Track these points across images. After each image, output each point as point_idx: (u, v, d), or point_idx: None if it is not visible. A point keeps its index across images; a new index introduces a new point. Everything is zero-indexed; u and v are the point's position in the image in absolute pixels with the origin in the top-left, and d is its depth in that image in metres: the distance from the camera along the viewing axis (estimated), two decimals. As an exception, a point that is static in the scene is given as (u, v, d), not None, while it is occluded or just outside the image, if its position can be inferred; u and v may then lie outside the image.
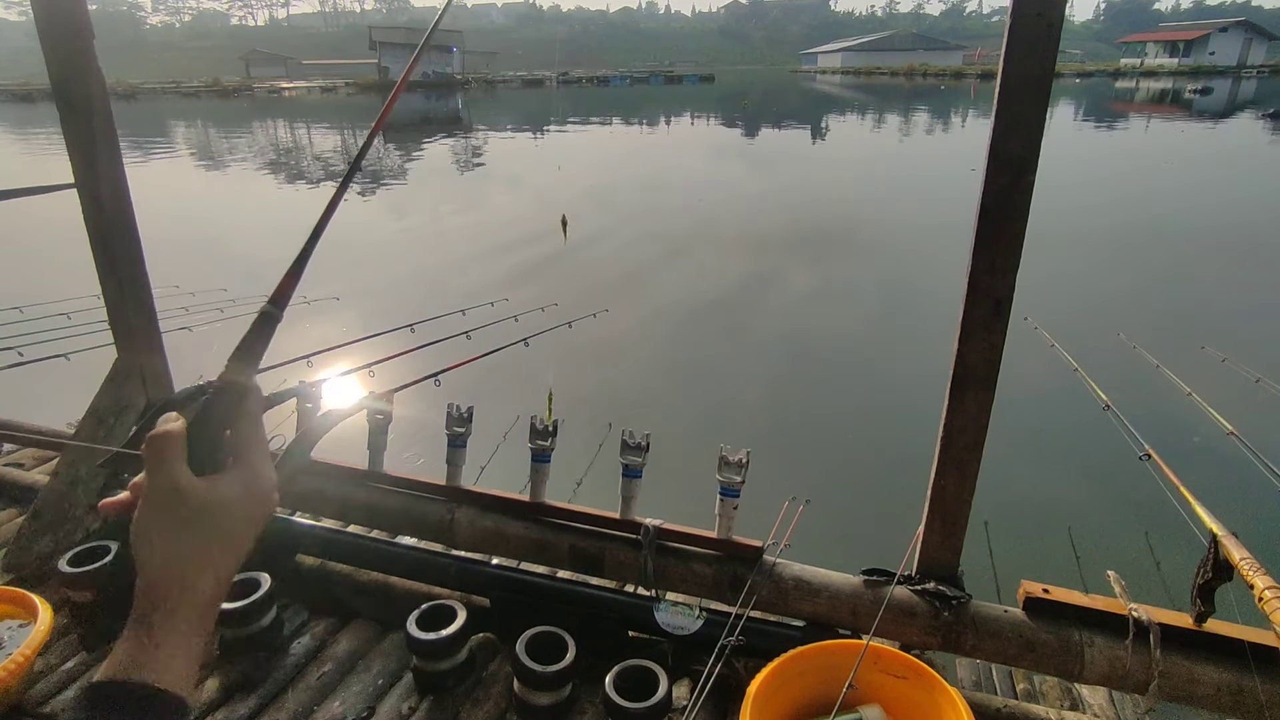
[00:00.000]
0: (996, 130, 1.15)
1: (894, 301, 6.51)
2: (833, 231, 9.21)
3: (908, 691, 1.30)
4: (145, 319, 1.93)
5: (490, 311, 2.71)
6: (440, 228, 10.02)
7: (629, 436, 1.53)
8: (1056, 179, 10.81)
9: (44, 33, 1.68)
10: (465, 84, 56.28)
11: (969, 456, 1.33)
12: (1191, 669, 1.29)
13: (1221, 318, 5.80)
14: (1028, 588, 1.41)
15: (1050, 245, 7.34)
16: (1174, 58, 59.66)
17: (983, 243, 1.21)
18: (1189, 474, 1.42)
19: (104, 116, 1.76)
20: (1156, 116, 25.28)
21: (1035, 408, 4.10)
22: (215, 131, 25.55)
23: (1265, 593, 1.15)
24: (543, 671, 1.38)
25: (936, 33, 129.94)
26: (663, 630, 1.54)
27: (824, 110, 31.90)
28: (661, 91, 52.44)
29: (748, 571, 1.49)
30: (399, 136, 23.01)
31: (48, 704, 1.44)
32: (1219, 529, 1.27)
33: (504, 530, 1.64)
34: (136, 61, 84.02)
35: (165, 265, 2.40)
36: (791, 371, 5.03)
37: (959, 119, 27.19)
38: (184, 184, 13.50)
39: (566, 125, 26.50)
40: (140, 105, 38.63)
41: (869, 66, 76.32)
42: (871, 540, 2.90)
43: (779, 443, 3.98)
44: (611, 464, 1.57)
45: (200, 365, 1.42)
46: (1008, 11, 1.11)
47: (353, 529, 1.97)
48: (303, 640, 1.63)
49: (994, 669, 1.69)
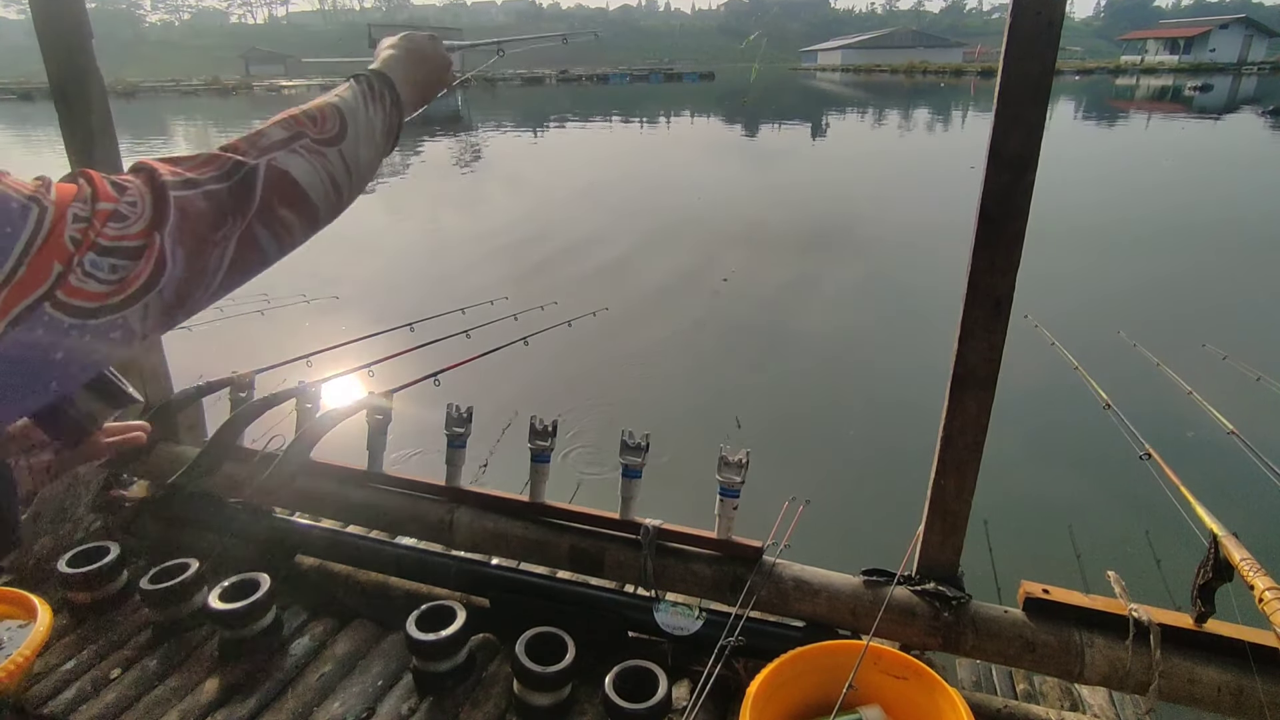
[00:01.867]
0: (996, 129, 1.15)
1: (894, 300, 6.50)
2: (832, 230, 9.20)
3: (908, 692, 1.30)
4: (144, 319, 1.92)
5: (490, 310, 2.70)
6: (440, 226, 10.02)
7: (629, 436, 1.53)
8: (1057, 176, 10.81)
9: (43, 31, 1.68)
10: (465, 82, 56.03)
11: (969, 456, 1.33)
12: (1192, 669, 1.28)
13: (1222, 316, 5.79)
14: (1028, 588, 1.41)
15: (1051, 243, 7.34)
16: (1174, 55, 59.55)
17: (983, 242, 1.21)
18: (1189, 473, 1.41)
19: (103, 115, 1.76)
20: (1157, 114, 25.24)
21: (1035, 407, 4.10)
22: (214, 130, 25.53)
23: (1265, 593, 1.14)
24: (543, 672, 1.38)
25: (936, 30, 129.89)
26: (663, 630, 1.54)
27: (824, 108, 31.86)
28: (661, 89, 52.36)
29: (748, 572, 1.49)
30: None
31: (47, 704, 1.44)
32: (1219, 529, 1.27)
33: (504, 530, 1.64)
34: (135, 60, 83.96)
35: (164, 265, 2.39)
36: (791, 371, 5.02)
37: (959, 116, 27.16)
38: (183, 182, 13.46)
39: (566, 123, 26.48)
40: (139, 103, 38.60)
41: (869, 64, 76.19)
42: (871, 540, 2.90)
43: (779, 443, 3.98)
44: (611, 464, 1.56)
45: (200, 365, 1.42)
46: (1008, 9, 1.10)
47: (353, 529, 1.97)
48: (302, 640, 1.63)
49: (994, 669, 1.68)
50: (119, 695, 1.46)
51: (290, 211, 0.65)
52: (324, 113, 0.70)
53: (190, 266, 0.57)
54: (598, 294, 5.57)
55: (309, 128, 0.68)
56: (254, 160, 0.62)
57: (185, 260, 0.57)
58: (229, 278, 0.62)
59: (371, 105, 0.76)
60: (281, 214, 0.64)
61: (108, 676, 1.51)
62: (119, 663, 1.54)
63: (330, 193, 0.69)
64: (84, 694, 1.47)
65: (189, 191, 0.58)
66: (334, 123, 0.70)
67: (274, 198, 0.63)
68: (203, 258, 0.58)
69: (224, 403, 1.80)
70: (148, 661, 1.55)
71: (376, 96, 0.77)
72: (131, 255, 0.54)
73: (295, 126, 0.67)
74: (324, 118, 0.70)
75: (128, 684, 1.49)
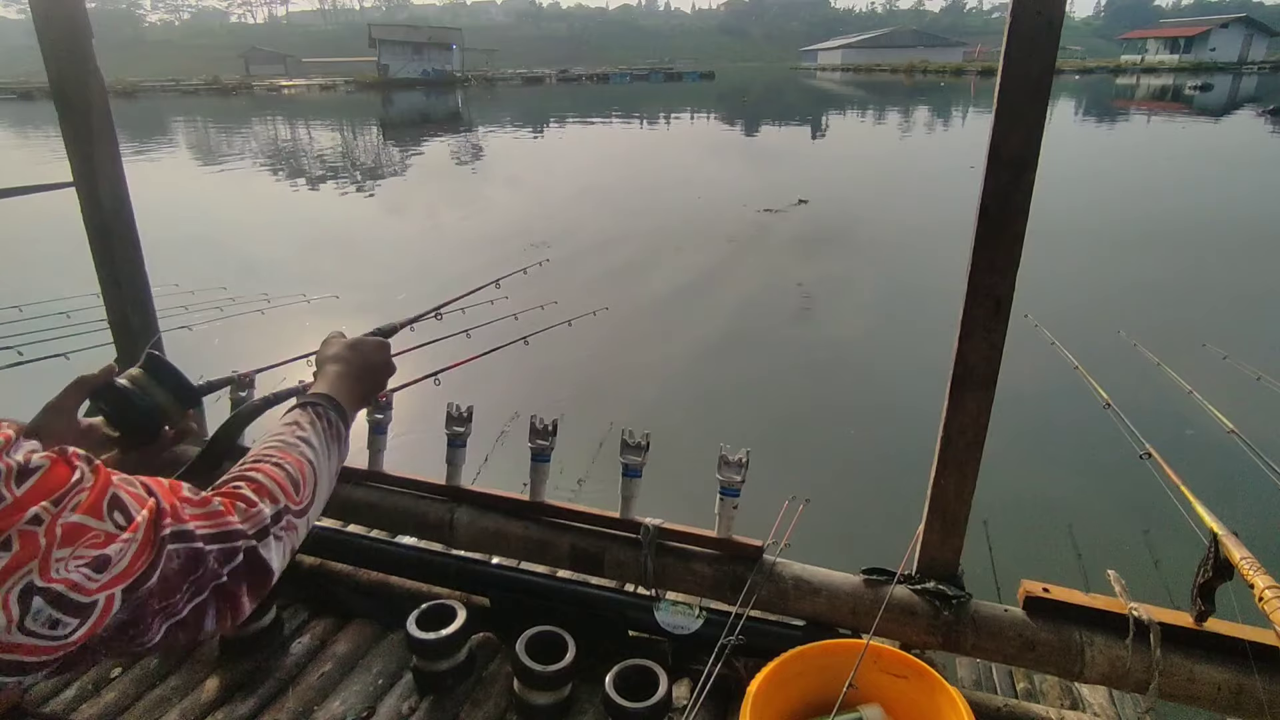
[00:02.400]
0: (996, 129, 1.14)
1: (894, 300, 6.50)
2: (832, 229, 9.20)
3: (908, 691, 1.30)
4: (145, 318, 1.93)
5: (490, 310, 2.70)
6: (440, 225, 10.01)
7: (629, 436, 1.53)
8: (1057, 176, 10.80)
9: (42, 31, 1.68)
10: (465, 81, 56.20)
11: (969, 456, 1.33)
12: (1191, 668, 1.28)
13: (1222, 315, 5.79)
14: (1028, 587, 1.41)
15: (1051, 242, 7.34)
16: (1175, 54, 59.53)
17: (983, 241, 1.20)
18: (1189, 473, 1.41)
19: (103, 115, 1.75)
20: (1157, 113, 25.24)
21: (1035, 406, 4.10)
22: (214, 129, 25.53)
23: (1265, 592, 1.14)
24: (543, 671, 1.38)
25: (937, 29, 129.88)
26: (663, 630, 1.54)
27: (824, 107, 31.84)
28: (662, 89, 52.34)
29: (748, 571, 1.49)
30: (399, 134, 22.98)
31: (48, 703, 1.44)
32: (1219, 528, 1.27)
33: (504, 530, 1.64)
34: (135, 59, 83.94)
35: (164, 264, 2.39)
36: (791, 370, 5.02)
37: (959, 116, 27.14)
38: (183, 182, 13.49)
39: (566, 122, 26.46)
40: (139, 103, 38.59)
41: (869, 64, 76.17)
42: (871, 540, 2.90)
43: (779, 442, 3.98)
44: (611, 464, 1.56)
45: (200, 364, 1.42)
46: (1008, 9, 1.10)
47: (353, 529, 1.97)
48: (303, 640, 1.63)
49: (994, 668, 1.69)
50: (119, 694, 1.46)
51: (251, 597, 0.67)
52: (304, 475, 0.74)
53: (123, 632, 0.55)
54: (598, 294, 5.57)
55: (292, 498, 0.72)
56: (243, 543, 0.64)
57: (124, 622, 0.54)
58: (164, 640, 0.59)
59: (333, 447, 0.85)
60: (242, 599, 0.65)
61: (108, 675, 1.51)
62: (119, 662, 1.54)
63: (285, 563, 0.73)
64: (84, 693, 1.47)
65: (178, 545, 0.57)
66: (309, 489, 0.75)
67: (244, 584, 0.65)
68: (144, 620, 0.56)
69: (224, 402, 1.80)
70: (148, 660, 1.55)
71: (335, 436, 0.86)
72: (80, 612, 0.51)
73: (283, 497, 0.71)
74: (303, 482, 0.74)
75: (128, 683, 1.49)
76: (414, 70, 56.17)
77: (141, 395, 0.83)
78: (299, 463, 0.76)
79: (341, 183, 13.08)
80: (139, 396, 0.83)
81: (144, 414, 0.83)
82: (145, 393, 0.84)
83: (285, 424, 0.82)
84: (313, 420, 0.83)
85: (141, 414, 0.83)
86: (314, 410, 0.85)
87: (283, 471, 0.73)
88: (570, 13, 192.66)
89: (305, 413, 0.84)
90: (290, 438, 0.78)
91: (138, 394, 0.83)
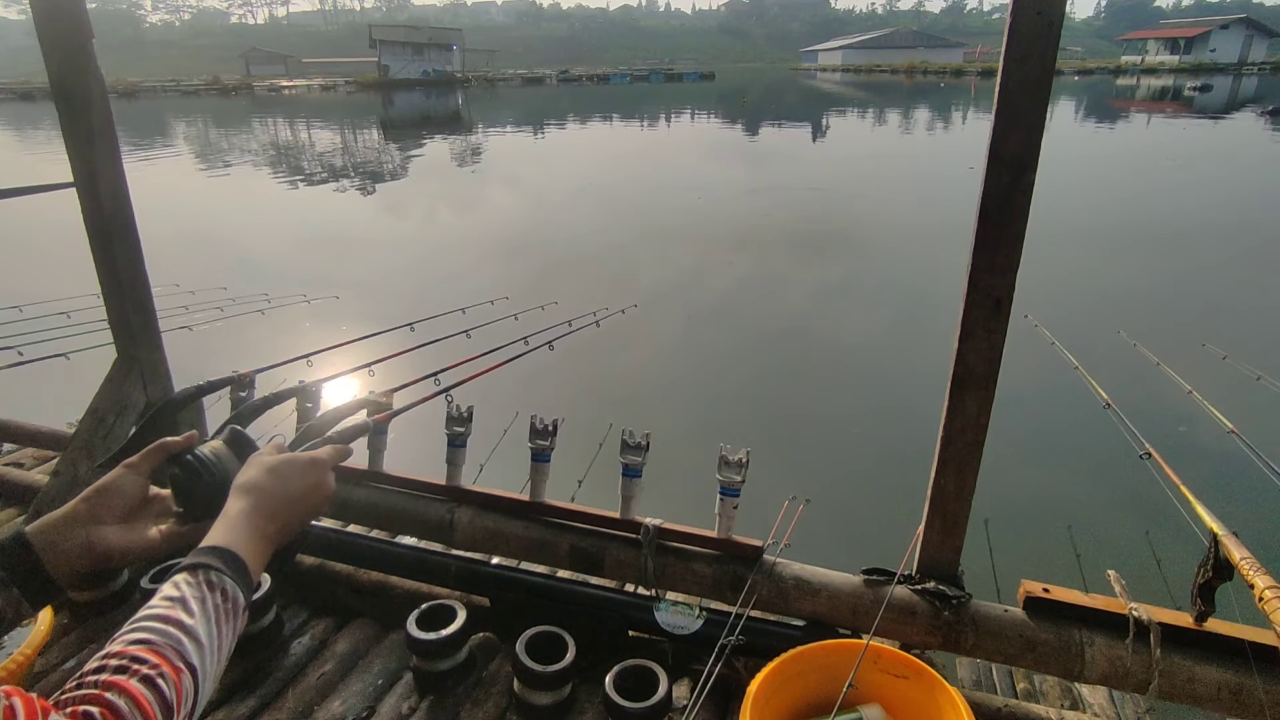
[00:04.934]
0: (996, 129, 1.15)
1: (894, 300, 6.50)
2: (832, 229, 9.20)
3: (908, 691, 1.30)
4: (145, 318, 1.93)
5: (490, 310, 2.71)
6: (440, 226, 10.02)
7: (629, 436, 1.53)
8: (1057, 176, 10.81)
9: (43, 31, 1.68)
10: (465, 82, 56.21)
11: (969, 456, 1.33)
12: (1191, 668, 1.29)
13: (1222, 315, 5.79)
14: (1028, 587, 1.41)
15: (1051, 242, 7.34)
16: (1175, 55, 59.52)
17: (982, 242, 1.20)
18: (1189, 473, 1.41)
19: (103, 115, 1.75)
20: (1157, 114, 25.24)
21: (1035, 406, 4.10)
22: (215, 130, 25.53)
23: (1265, 592, 1.14)
24: (543, 671, 1.38)
25: (937, 30, 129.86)
26: (663, 630, 1.54)
27: (824, 108, 31.86)
28: (662, 89, 52.34)
29: (748, 571, 1.49)
30: (399, 134, 22.99)
31: (48, 704, 1.44)
32: (1219, 528, 1.27)
33: (504, 530, 1.64)
34: (136, 60, 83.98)
35: (165, 264, 2.39)
36: (792, 370, 5.02)
37: (959, 116, 27.15)
38: (184, 182, 13.49)
39: (566, 123, 26.47)
40: (140, 103, 38.60)
41: (869, 64, 76.15)
42: (872, 540, 2.90)
43: (779, 443, 3.98)
44: (611, 464, 1.56)
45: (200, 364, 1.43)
46: (1008, 9, 1.10)
47: (353, 529, 1.97)
48: (303, 640, 1.63)
49: (994, 668, 1.69)
50: (119, 694, 1.46)
51: None
52: (180, 692, 0.61)
53: None
54: (598, 294, 5.56)
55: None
56: None
57: None
58: None
59: (225, 628, 0.69)
60: None
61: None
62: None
63: None
64: (85, 693, 1.46)
65: None
66: (187, 708, 0.62)
67: None
68: None
69: (224, 402, 1.80)
70: (148, 660, 1.55)
71: (230, 612, 0.69)
72: None
73: None
74: (179, 703, 0.61)
75: (128, 683, 1.49)
76: (414, 71, 56.23)
77: (217, 466, 0.82)
78: (176, 674, 0.61)
79: (342, 183, 13.09)
80: (215, 467, 0.82)
81: (211, 488, 0.81)
82: (222, 464, 0.82)
83: (167, 599, 0.65)
84: (202, 597, 0.67)
85: (208, 487, 0.81)
86: (206, 579, 0.68)
87: (154, 693, 0.58)
88: (570, 13, 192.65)
89: (195, 581, 0.67)
90: (170, 627, 0.63)
91: (214, 464, 0.82)
